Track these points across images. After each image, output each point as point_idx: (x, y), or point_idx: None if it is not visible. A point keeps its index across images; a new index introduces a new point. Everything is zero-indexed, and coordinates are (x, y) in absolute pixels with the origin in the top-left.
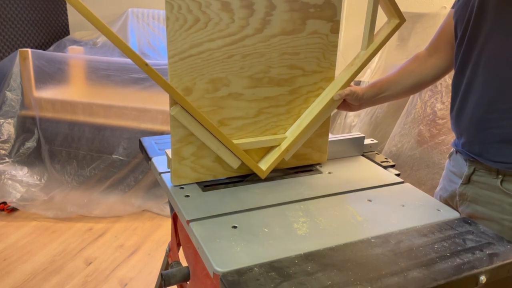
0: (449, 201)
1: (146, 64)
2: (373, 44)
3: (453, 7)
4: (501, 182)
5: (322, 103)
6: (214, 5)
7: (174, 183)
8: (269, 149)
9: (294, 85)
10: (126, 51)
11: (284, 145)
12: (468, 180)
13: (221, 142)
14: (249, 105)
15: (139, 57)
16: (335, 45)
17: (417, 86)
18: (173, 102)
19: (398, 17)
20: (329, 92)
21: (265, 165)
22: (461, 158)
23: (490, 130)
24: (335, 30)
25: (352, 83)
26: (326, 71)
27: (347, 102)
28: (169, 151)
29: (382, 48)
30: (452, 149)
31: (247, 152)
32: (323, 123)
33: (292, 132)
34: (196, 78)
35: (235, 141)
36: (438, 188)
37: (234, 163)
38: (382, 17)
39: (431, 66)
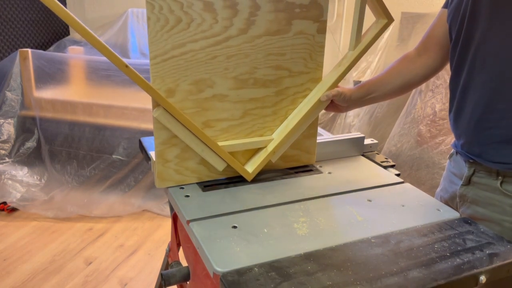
0: (449, 202)
1: (126, 66)
2: (360, 44)
3: (444, 7)
4: (501, 184)
5: (309, 104)
6: (197, 5)
7: (158, 186)
8: (256, 151)
9: (281, 86)
10: (105, 51)
11: (270, 147)
12: (468, 182)
13: (205, 144)
14: (234, 106)
15: (118, 58)
16: (322, 46)
17: (406, 87)
18: (156, 104)
19: (386, 17)
20: (317, 93)
21: (251, 167)
22: (461, 159)
23: (489, 131)
24: (322, 30)
25: (340, 84)
26: (313, 72)
27: (335, 103)
28: (153, 153)
29: (382, 49)
30: (452, 150)
31: (233, 154)
32: (310, 124)
33: (279, 133)
34: (179, 79)
35: (221, 143)
36: (438, 189)
37: (219, 166)
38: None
39: (420, 66)
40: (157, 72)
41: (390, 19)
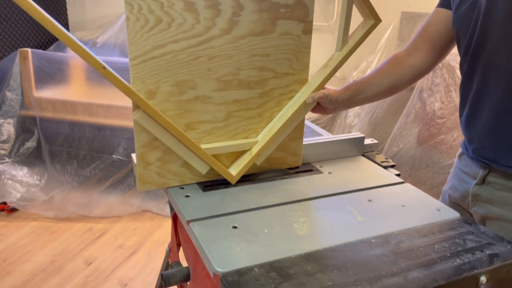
0: (459, 201)
1: (104, 67)
2: (347, 46)
3: (440, 6)
4: None
5: (295, 106)
6: (177, 5)
7: (139, 189)
8: (240, 153)
9: (265, 87)
10: (79, 51)
11: (255, 150)
12: (482, 181)
13: (187, 147)
14: (217, 108)
15: (95, 60)
16: (308, 47)
17: (394, 88)
18: (136, 106)
19: (373, 18)
20: (302, 95)
21: (235, 170)
22: (473, 161)
23: (504, 136)
24: (308, 31)
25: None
26: (298, 73)
27: (322, 105)
28: (134, 156)
29: (382, 48)
30: (461, 150)
31: (217, 156)
32: (297, 126)
33: (264, 136)
34: (160, 80)
35: (204, 146)
36: (446, 187)
37: (202, 169)
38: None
39: (409, 66)
40: (137, 73)
41: (377, 20)
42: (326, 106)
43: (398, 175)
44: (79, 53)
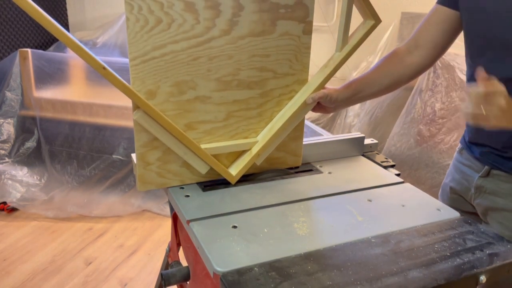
0: (462, 193)
1: (104, 68)
2: (347, 46)
3: (441, 4)
4: None
5: (295, 106)
6: (178, 5)
7: (139, 189)
8: (240, 153)
9: (265, 87)
10: (81, 53)
11: (255, 150)
12: (487, 174)
13: (187, 147)
14: (217, 108)
15: (95, 60)
16: (308, 47)
17: (393, 85)
18: (136, 106)
19: (373, 18)
20: (302, 95)
21: (235, 170)
22: (478, 161)
23: None
24: (308, 31)
25: (326, 85)
26: (298, 74)
27: (322, 105)
28: (134, 156)
29: (382, 49)
30: (461, 145)
31: (217, 156)
32: (296, 126)
33: (264, 136)
34: (160, 81)
35: (204, 146)
36: (447, 180)
37: (202, 169)
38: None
39: (409, 64)
40: (137, 74)
41: (378, 20)
42: (327, 105)
43: (398, 175)
44: (79, 54)
